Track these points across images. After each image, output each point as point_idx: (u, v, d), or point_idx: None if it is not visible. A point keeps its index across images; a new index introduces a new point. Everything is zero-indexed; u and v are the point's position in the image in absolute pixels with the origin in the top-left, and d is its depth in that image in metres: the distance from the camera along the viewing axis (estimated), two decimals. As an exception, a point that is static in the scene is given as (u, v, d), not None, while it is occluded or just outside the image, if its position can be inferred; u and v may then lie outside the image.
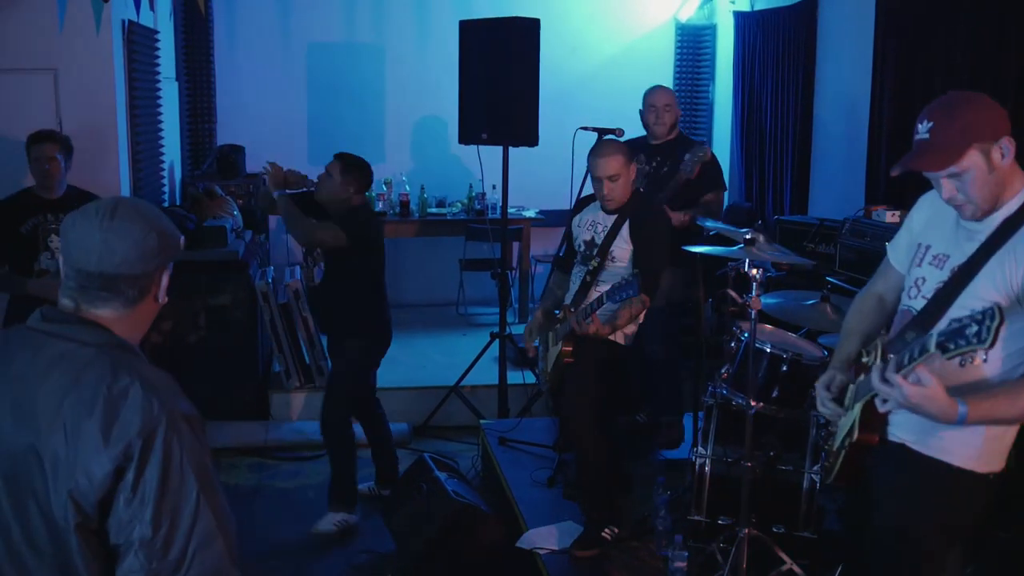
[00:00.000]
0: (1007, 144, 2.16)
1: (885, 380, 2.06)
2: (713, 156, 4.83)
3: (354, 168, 4.32)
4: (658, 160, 4.80)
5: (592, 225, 3.86)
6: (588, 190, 4.03)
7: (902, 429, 2.32)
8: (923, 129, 2.20)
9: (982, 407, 2.06)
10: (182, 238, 1.78)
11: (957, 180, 2.18)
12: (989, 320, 1.83)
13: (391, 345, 4.57)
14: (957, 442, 2.23)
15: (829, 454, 2.47)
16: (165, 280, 1.74)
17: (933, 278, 2.29)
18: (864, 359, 2.38)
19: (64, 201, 4.30)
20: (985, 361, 1.90)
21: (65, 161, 4.36)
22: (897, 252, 2.52)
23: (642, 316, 3.79)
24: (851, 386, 2.39)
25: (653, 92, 4.91)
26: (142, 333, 1.76)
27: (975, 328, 1.84)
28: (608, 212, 3.81)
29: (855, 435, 2.31)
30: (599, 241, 3.79)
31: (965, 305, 2.16)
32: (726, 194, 5.00)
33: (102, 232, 1.63)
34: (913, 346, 2.02)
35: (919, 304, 2.30)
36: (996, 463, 2.27)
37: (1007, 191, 2.19)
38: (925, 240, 2.38)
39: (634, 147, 4.81)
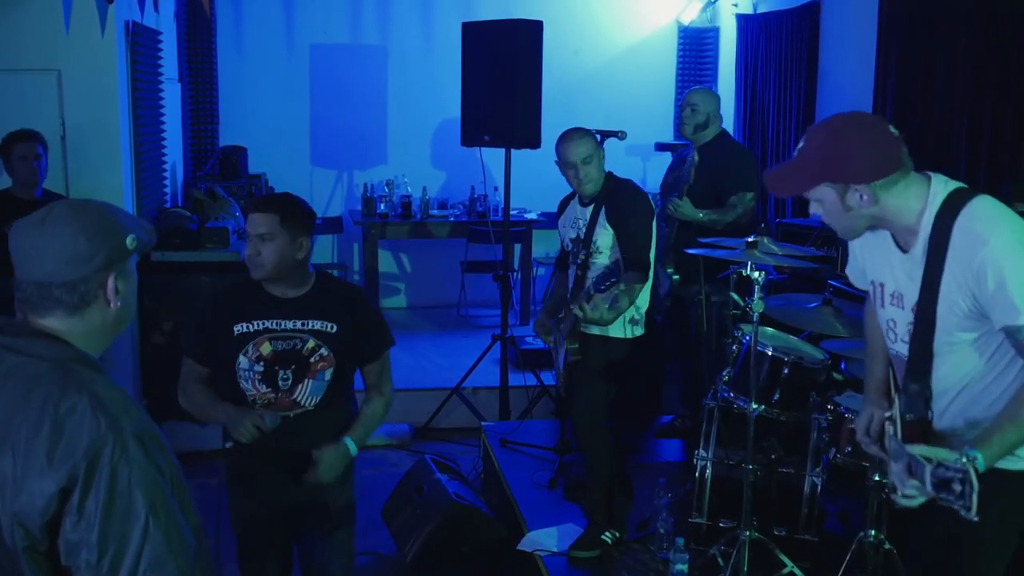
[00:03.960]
0: (864, 190, 2.06)
1: (905, 496, 2.00)
2: (743, 155, 4.83)
3: (298, 215, 2.83)
4: (698, 159, 4.75)
5: (574, 222, 3.85)
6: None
7: (951, 448, 2.24)
8: (798, 147, 2.16)
9: (992, 443, 1.99)
10: (130, 237, 1.65)
11: (819, 203, 2.16)
12: (968, 487, 1.78)
13: (393, 346, 4.49)
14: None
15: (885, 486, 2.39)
16: (111, 283, 1.64)
17: (901, 320, 2.25)
18: (888, 414, 2.31)
19: (44, 202, 4.31)
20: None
21: (46, 159, 4.42)
22: (856, 277, 2.47)
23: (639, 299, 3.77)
24: (886, 425, 2.30)
25: (689, 91, 4.95)
26: (106, 342, 1.69)
27: (959, 488, 1.79)
28: (585, 203, 3.80)
29: None
30: (582, 236, 3.79)
31: (946, 343, 2.13)
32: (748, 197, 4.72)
33: (32, 239, 1.59)
34: (920, 469, 1.92)
35: (903, 349, 2.26)
36: None
37: (907, 209, 2.11)
38: (876, 277, 2.32)
39: (685, 152, 4.86)
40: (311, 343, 2.78)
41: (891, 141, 2.09)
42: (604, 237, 3.71)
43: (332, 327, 2.81)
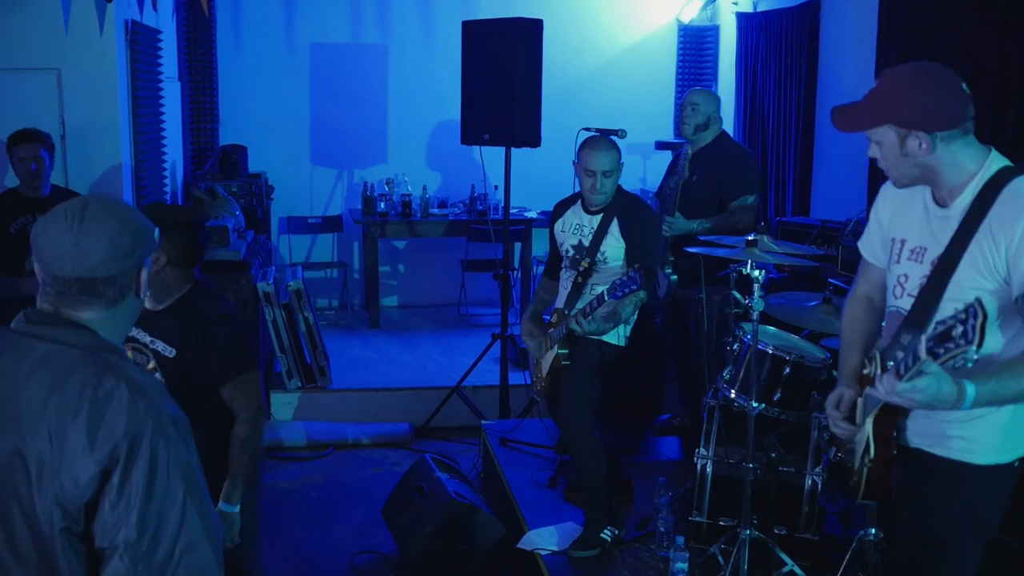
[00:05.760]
0: (924, 138, 2.11)
1: (896, 393, 1.99)
2: (743, 155, 4.75)
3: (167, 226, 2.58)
4: (690, 169, 4.69)
5: (577, 228, 3.83)
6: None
7: (917, 435, 2.28)
8: (872, 88, 2.20)
9: (987, 386, 2.00)
10: (157, 230, 1.74)
11: (878, 145, 2.19)
12: (972, 318, 1.78)
13: (393, 345, 4.51)
14: (977, 441, 2.20)
15: (852, 472, 2.40)
16: (144, 276, 1.71)
17: (915, 273, 2.25)
18: (866, 371, 2.33)
19: (51, 200, 4.31)
20: (977, 360, 1.86)
21: (50, 159, 4.40)
22: (871, 248, 2.47)
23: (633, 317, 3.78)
24: (859, 400, 2.33)
25: (690, 91, 4.88)
26: (126, 332, 1.74)
27: (960, 329, 1.80)
28: (591, 212, 3.79)
29: (872, 452, 2.26)
30: (587, 243, 3.78)
31: (954, 297, 2.13)
32: (752, 199, 4.64)
33: (73, 236, 1.60)
34: (908, 354, 1.97)
35: (906, 303, 2.26)
36: (1020, 448, 2.22)
37: (962, 167, 2.15)
38: (898, 234, 2.33)
39: (677, 156, 4.85)
40: (151, 364, 2.70)
41: (961, 97, 2.13)
42: (614, 248, 3.72)
43: (171, 352, 2.71)
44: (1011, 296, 2.10)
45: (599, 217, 3.76)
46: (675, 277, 4.66)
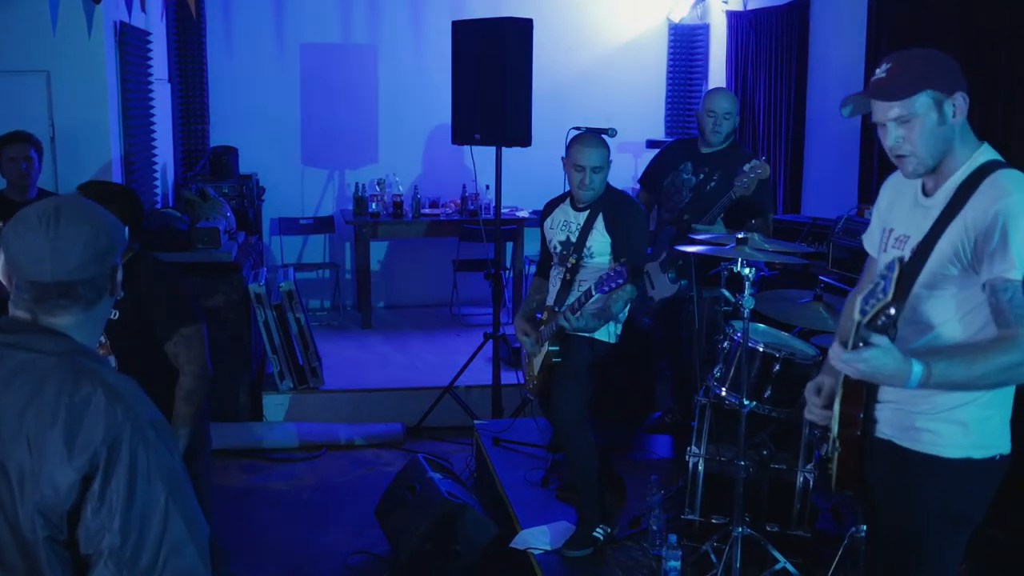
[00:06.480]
0: (961, 101, 2.14)
1: (842, 361, 2.00)
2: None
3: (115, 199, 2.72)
4: (706, 172, 4.53)
5: (565, 225, 3.84)
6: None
7: (887, 425, 2.30)
8: (881, 70, 2.19)
9: (938, 367, 1.99)
10: (126, 229, 1.75)
11: (904, 127, 2.16)
12: (889, 271, 1.81)
13: (385, 345, 4.51)
14: (943, 434, 2.20)
15: (828, 462, 2.40)
16: (119, 275, 1.70)
17: None
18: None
19: None
20: (896, 313, 1.86)
21: (38, 161, 4.38)
22: (873, 242, 2.50)
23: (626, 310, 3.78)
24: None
25: (713, 96, 4.59)
26: (100, 332, 1.74)
27: (881, 284, 1.83)
28: (578, 208, 3.80)
29: (835, 431, 2.28)
30: (574, 239, 3.78)
31: (925, 283, 2.15)
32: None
33: (50, 240, 1.57)
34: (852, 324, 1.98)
35: None
36: (998, 445, 2.22)
37: (955, 156, 2.17)
38: (888, 224, 2.36)
39: (681, 153, 4.75)
40: None
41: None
42: (601, 244, 3.72)
43: (115, 314, 2.75)
44: (978, 284, 2.10)
45: (586, 213, 3.77)
46: (684, 282, 4.57)
